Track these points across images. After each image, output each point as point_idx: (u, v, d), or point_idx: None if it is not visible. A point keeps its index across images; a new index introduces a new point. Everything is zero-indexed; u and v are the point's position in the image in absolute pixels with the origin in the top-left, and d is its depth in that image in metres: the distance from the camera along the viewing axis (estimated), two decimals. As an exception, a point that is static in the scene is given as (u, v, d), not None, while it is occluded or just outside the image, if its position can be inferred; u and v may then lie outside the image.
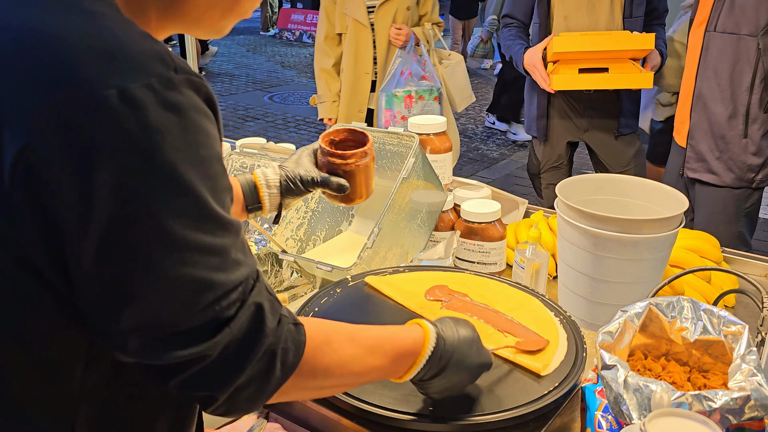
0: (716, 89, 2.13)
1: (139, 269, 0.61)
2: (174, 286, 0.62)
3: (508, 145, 6.26)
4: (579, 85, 2.51)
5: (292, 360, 0.72)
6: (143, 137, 0.58)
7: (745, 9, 2.03)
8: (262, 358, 0.69)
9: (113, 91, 0.57)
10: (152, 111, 0.58)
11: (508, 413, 0.99)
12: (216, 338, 0.65)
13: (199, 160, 0.62)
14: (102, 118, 0.57)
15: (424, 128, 1.72)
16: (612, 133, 2.69)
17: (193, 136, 0.61)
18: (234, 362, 0.67)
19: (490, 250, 1.56)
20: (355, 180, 1.19)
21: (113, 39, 0.60)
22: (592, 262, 1.33)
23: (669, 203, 1.40)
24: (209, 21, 0.75)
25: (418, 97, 3.24)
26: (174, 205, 0.60)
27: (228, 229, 0.66)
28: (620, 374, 0.92)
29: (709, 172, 2.20)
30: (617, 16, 2.52)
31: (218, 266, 0.64)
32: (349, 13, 3.16)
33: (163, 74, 0.60)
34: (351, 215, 1.76)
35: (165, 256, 0.61)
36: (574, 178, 1.49)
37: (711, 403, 0.86)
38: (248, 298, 0.68)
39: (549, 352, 1.13)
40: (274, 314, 0.71)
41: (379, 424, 1.00)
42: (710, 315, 1.01)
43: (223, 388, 0.68)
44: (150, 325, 0.63)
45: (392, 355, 0.87)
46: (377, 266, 1.46)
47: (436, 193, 1.62)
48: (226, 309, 0.65)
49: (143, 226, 0.59)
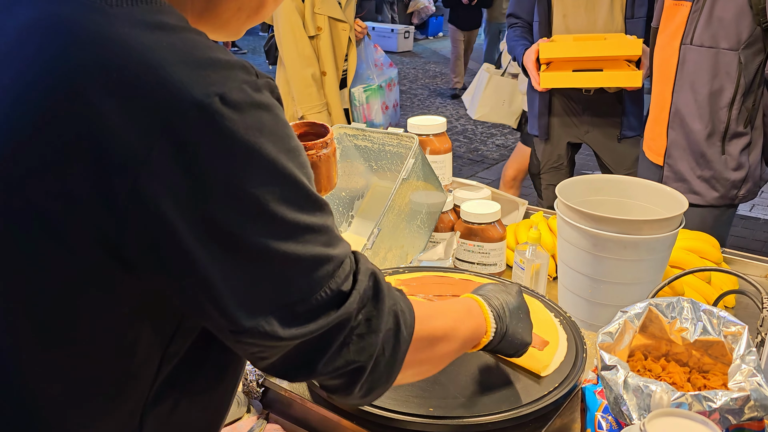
0: (694, 105, 2.00)
1: (259, 259, 0.64)
2: (296, 264, 0.66)
3: (508, 146, 6.26)
4: (567, 83, 2.52)
5: (410, 321, 0.77)
6: (247, 135, 0.62)
7: (723, 21, 1.88)
8: (389, 319, 0.74)
9: (216, 98, 0.60)
10: (249, 111, 0.62)
11: (508, 414, 0.99)
12: (348, 302, 0.70)
13: (292, 150, 0.67)
14: (209, 122, 0.60)
15: (424, 129, 1.72)
16: (614, 135, 2.68)
17: (283, 130, 0.66)
18: (368, 325, 0.72)
19: (490, 251, 1.56)
20: (317, 172, 1.18)
21: (200, 52, 0.63)
22: (591, 263, 1.34)
23: (669, 204, 1.40)
24: (236, 23, 0.78)
25: (393, 83, 3.31)
26: (282, 194, 0.65)
27: (325, 210, 0.71)
28: (620, 375, 0.92)
29: (691, 192, 2.06)
30: (617, 17, 2.52)
31: (327, 242, 0.69)
32: (322, 12, 3.06)
33: (249, 80, 0.64)
34: (351, 216, 1.76)
35: (281, 240, 0.65)
36: (573, 179, 1.49)
37: (711, 404, 0.86)
38: (359, 266, 0.73)
39: (549, 353, 1.13)
40: (382, 278, 0.77)
41: (379, 424, 1.00)
42: (710, 315, 1.01)
43: (368, 355, 0.72)
44: (283, 303, 0.66)
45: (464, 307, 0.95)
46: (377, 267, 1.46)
47: (435, 193, 1.62)
48: (345, 280, 0.70)
49: (257, 216, 0.63)
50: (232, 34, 0.80)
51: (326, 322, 0.68)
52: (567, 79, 2.48)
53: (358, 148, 1.68)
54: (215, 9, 0.74)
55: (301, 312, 0.67)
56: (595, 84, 2.50)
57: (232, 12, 0.75)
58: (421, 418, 0.98)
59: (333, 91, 3.17)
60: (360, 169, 1.73)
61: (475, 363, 1.11)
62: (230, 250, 0.63)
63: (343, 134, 1.66)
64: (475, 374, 1.09)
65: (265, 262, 0.65)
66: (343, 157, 1.68)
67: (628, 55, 2.38)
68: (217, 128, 0.60)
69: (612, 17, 2.52)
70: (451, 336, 0.88)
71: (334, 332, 0.69)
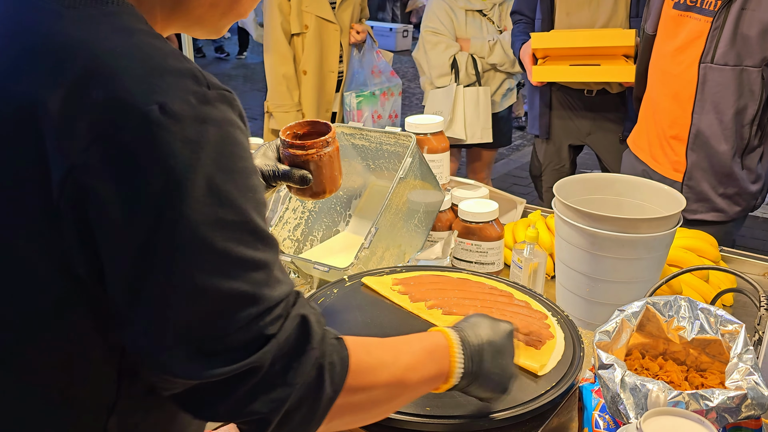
0: (719, 127, 1.90)
1: (176, 280, 0.60)
2: (214, 298, 0.61)
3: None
4: (560, 77, 2.51)
5: (340, 373, 0.70)
6: (183, 149, 0.59)
7: (748, 39, 1.80)
8: (310, 372, 0.67)
9: (155, 107, 0.58)
10: (190, 124, 0.60)
11: (505, 413, 0.99)
12: (262, 351, 0.64)
13: (238, 171, 0.63)
14: (145, 132, 0.58)
15: (421, 128, 1.72)
16: (616, 137, 2.67)
17: (230, 148, 0.63)
18: (283, 377, 0.66)
19: (488, 250, 1.56)
20: (319, 172, 1.14)
21: (150, 58, 0.62)
22: (589, 262, 1.33)
23: (666, 202, 1.40)
24: (210, 20, 0.76)
25: (390, 93, 3.24)
26: (214, 216, 0.61)
27: (269, 243, 0.66)
28: (617, 374, 0.92)
29: (713, 210, 2.00)
30: (621, 14, 2.50)
31: (261, 281, 0.64)
32: (310, 10, 3.01)
33: (198, 90, 0.62)
34: (348, 215, 1.76)
35: (204, 267, 0.61)
36: (571, 178, 1.49)
37: (708, 402, 0.86)
38: (291, 311, 0.67)
39: (546, 352, 1.13)
40: (319, 327, 0.70)
41: (377, 424, 0.99)
42: (707, 314, 1.01)
43: (275, 408, 0.65)
44: (191, 339, 0.62)
45: (424, 350, 0.84)
46: (374, 266, 1.46)
47: (433, 192, 1.62)
48: (270, 324, 0.65)
49: (182, 236, 0.60)
50: (210, 31, 0.78)
51: (236, 367, 0.63)
52: (560, 72, 2.46)
53: (356, 147, 1.68)
54: (185, 6, 0.72)
55: (210, 351, 0.62)
56: (589, 78, 2.49)
57: (205, 8, 0.74)
58: (418, 418, 0.98)
59: (311, 92, 3.11)
60: (357, 168, 1.73)
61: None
62: (148, 271, 0.60)
63: (341, 133, 1.66)
64: (472, 373, 1.08)
65: (181, 292, 0.61)
66: (340, 157, 1.68)
67: (621, 46, 2.33)
68: (151, 138, 0.58)
69: (616, 15, 2.50)
70: (397, 387, 0.79)
71: (242, 378, 0.64)
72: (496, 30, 3.15)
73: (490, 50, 3.12)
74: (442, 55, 3.12)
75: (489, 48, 3.11)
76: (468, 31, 3.14)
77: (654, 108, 2.09)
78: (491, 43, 3.10)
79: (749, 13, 1.79)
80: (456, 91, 3.13)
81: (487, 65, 3.17)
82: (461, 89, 3.14)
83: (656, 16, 2.04)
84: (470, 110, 3.15)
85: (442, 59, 3.13)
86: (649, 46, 2.08)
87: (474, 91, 3.15)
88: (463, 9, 3.10)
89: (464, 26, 3.13)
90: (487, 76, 3.21)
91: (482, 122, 3.19)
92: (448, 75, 3.15)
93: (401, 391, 0.81)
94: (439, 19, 3.12)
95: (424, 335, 0.88)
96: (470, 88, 3.16)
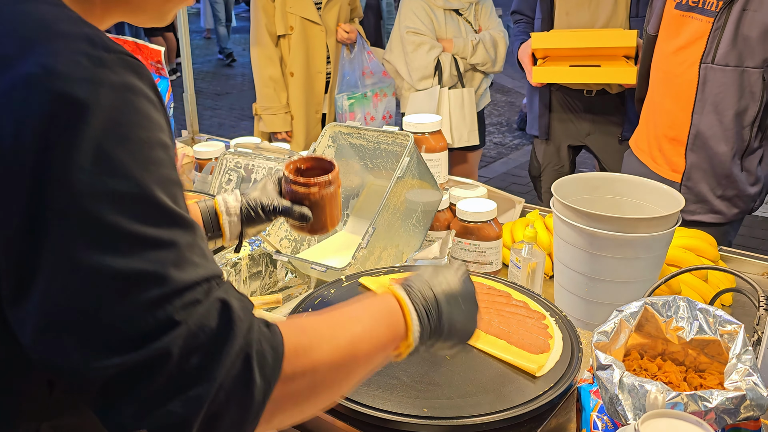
0: (719, 128, 1.89)
1: (58, 253, 0.55)
2: (101, 276, 0.55)
3: (504, 144, 6.26)
4: (560, 78, 2.50)
5: (272, 363, 0.62)
6: (69, 110, 0.55)
7: (749, 40, 1.79)
8: (234, 364, 0.59)
9: (38, 69, 0.55)
10: (78, 85, 0.56)
11: (503, 414, 0.98)
12: (167, 337, 0.56)
13: (136, 141, 0.58)
14: (30, 95, 0.55)
15: (419, 127, 1.71)
16: (615, 137, 2.66)
17: (128, 116, 0.58)
18: (200, 371, 0.57)
19: (486, 250, 1.55)
20: (320, 210, 1.13)
21: (39, 22, 0.59)
22: (588, 262, 1.33)
23: (665, 202, 1.40)
24: (152, 6, 0.74)
25: (383, 94, 3.15)
26: (103, 187, 0.55)
27: (180, 224, 0.60)
28: (616, 374, 0.91)
29: (711, 212, 1.99)
30: (621, 14, 2.49)
31: (166, 261, 0.57)
32: (295, 11, 2.98)
33: (92, 53, 0.58)
34: (346, 215, 1.75)
35: (90, 242, 0.55)
36: (570, 177, 1.48)
37: (706, 403, 0.85)
38: (210, 297, 0.60)
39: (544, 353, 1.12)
40: (245, 314, 0.63)
41: (374, 426, 0.99)
42: (706, 314, 1.00)
43: (194, 408, 0.57)
44: (76, 324, 0.55)
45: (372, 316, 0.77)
46: (372, 266, 1.45)
47: (431, 192, 1.61)
48: (180, 309, 0.57)
49: (65, 205, 0.55)
50: (155, 18, 0.76)
51: (134, 357, 0.55)
52: (560, 74, 2.45)
53: (353, 146, 1.68)
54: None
55: (101, 340, 0.55)
56: (589, 80, 2.48)
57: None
58: (415, 419, 0.98)
59: (299, 93, 3.07)
60: (355, 168, 1.73)
61: (469, 363, 1.10)
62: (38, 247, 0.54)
63: (338, 132, 1.65)
64: (469, 374, 1.08)
65: (64, 268, 0.55)
66: (338, 156, 1.67)
67: (622, 47, 2.31)
68: (36, 101, 0.55)
69: (616, 15, 2.49)
70: (345, 362, 0.72)
71: (147, 373, 0.56)
72: (472, 30, 3.05)
73: (473, 50, 3.00)
74: (426, 56, 2.97)
75: (472, 48, 3.00)
76: (448, 31, 3.02)
77: (654, 109, 2.08)
78: (474, 43, 2.99)
79: (750, 14, 1.78)
80: (440, 93, 3.01)
81: (467, 65, 3.05)
82: (445, 91, 3.03)
83: (658, 16, 2.03)
84: (456, 113, 3.05)
85: (426, 61, 2.97)
86: (651, 47, 2.08)
87: (458, 93, 3.05)
88: (441, 8, 2.98)
89: (444, 26, 3.01)
90: (468, 77, 3.09)
91: (468, 124, 3.09)
92: (431, 77, 3.01)
93: (352, 366, 0.73)
94: (419, 19, 2.97)
95: (370, 300, 0.81)
96: (454, 90, 3.05)
